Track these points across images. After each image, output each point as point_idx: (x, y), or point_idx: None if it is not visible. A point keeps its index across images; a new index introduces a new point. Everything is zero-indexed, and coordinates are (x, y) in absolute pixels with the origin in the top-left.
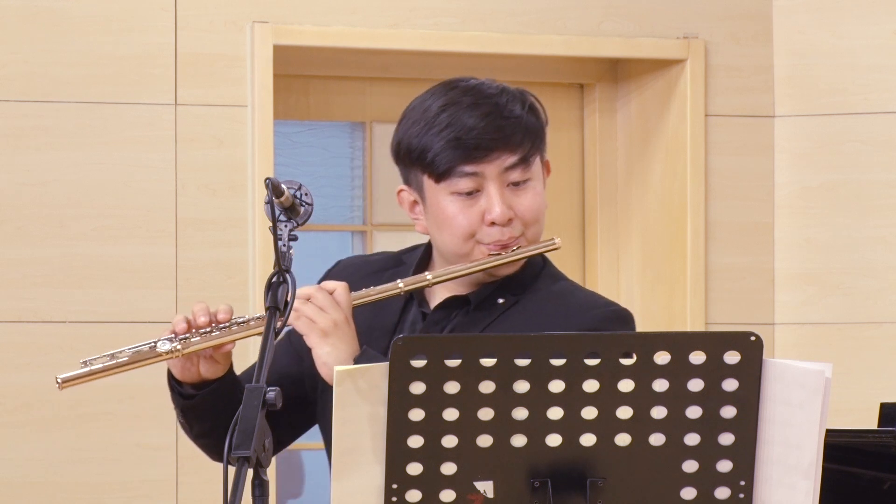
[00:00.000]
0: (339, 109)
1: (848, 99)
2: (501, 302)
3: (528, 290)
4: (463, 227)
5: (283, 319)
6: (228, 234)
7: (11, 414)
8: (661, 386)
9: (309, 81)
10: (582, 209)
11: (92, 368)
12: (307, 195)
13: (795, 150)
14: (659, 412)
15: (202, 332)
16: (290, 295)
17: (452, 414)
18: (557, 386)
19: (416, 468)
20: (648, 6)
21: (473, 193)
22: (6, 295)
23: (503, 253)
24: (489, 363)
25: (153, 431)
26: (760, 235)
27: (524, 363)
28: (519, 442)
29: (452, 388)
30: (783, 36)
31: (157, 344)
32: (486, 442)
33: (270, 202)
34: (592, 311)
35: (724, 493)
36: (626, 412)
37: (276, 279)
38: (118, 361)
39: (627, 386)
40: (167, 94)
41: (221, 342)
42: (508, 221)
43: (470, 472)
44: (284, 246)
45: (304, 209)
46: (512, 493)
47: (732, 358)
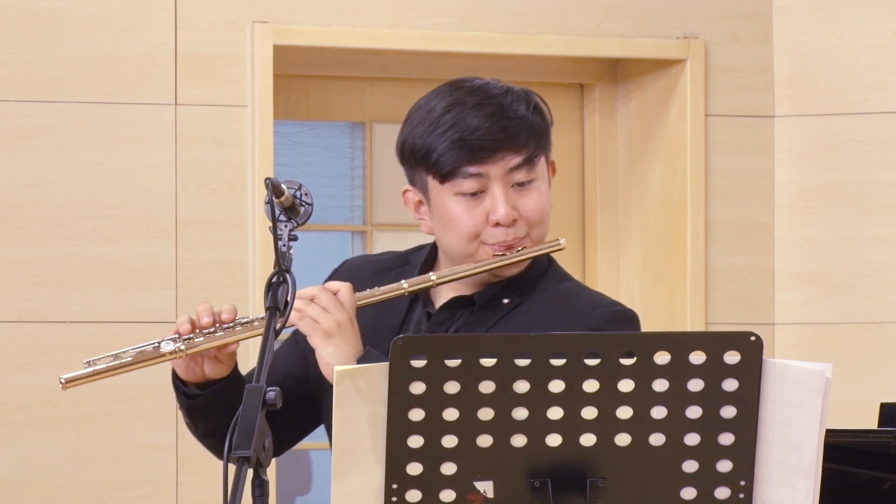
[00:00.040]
0: (339, 109)
1: (848, 99)
2: (506, 302)
3: (532, 290)
4: (467, 227)
5: (283, 319)
6: (228, 234)
7: (11, 414)
8: (661, 386)
9: (309, 81)
10: (582, 209)
11: (95, 369)
12: (307, 195)
13: (795, 150)
14: (659, 412)
15: (206, 332)
16: (290, 295)
17: (452, 414)
18: (557, 386)
19: (416, 468)
20: (648, 6)
21: (478, 194)
22: (6, 295)
23: (508, 254)
24: (489, 363)
25: (153, 431)
26: (760, 235)
27: (524, 363)
28: (519, 442)
29: (452, 388)
30: (783, 36)
31: (160, 344)
32: (486, 442)
33: (270, 202)
34: (597, 311)
35: (724, 493)
36: (626, 412)
37: (276, 279)
38: (122, 362)
39: (627, 386)
40: (167, 94)
41: (225, 342)
42: (513, 222)
43: (470, 472)
44: (284, 246)
45: (304, 209)
46: (512, 493)
47: (732, 358)
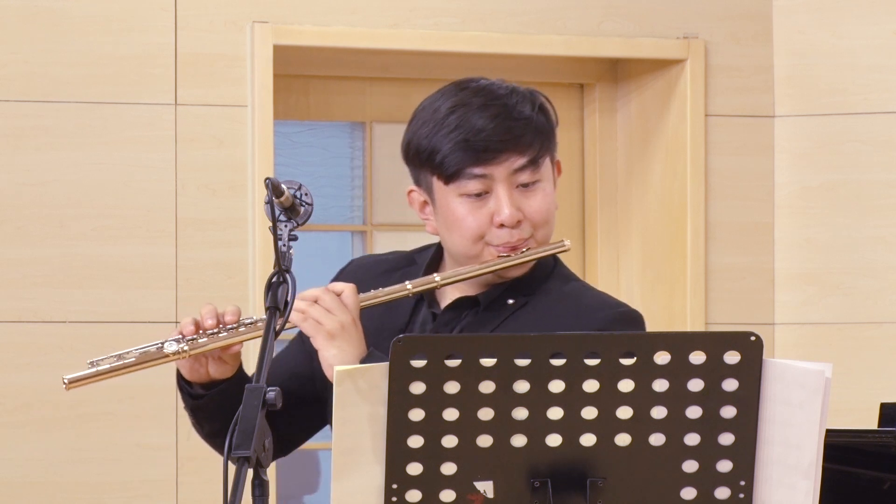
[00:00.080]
0: (339, 109)
1: (848, 99)
2: (511, 303)
3: (538, 290)
4: (472, 228)
5: (282, 319)
6: (228, 234)
7: (11, 414)
8: (661, 386)
9: (309, 81)
10: (582, 209)
11: (99, 369)
12: (307, 195)
13: (795, 150)
14: (659, 412)
15: (209, 333)
16: (290, 295)
17: (452, 414)
18: (557, 386)
19: (416, 468)
20: (648, 6)
21: (482, 195)
22: (6, 295)
23: (512, 255)
24: (489, 363)
25: (153, 431)
26: (760, 235)
27: (524, 363)
28: (519, 442)
29: (452, 388)
30: (783, 36)
31: (164, 345)
32: (486, 442)
33: (270, 202)
34: (602, 312)
35: (724, 493)
36: (626, 412)
37: (276, 279)
38: (125, 362)
39: (627, 386)
40: (167, 94)
41: (229, 343)
42: (517, 223)
43: (470, 472)
44: (284, 246)
45: (304, 209)
46: (512, 493)
47: (732, 358)
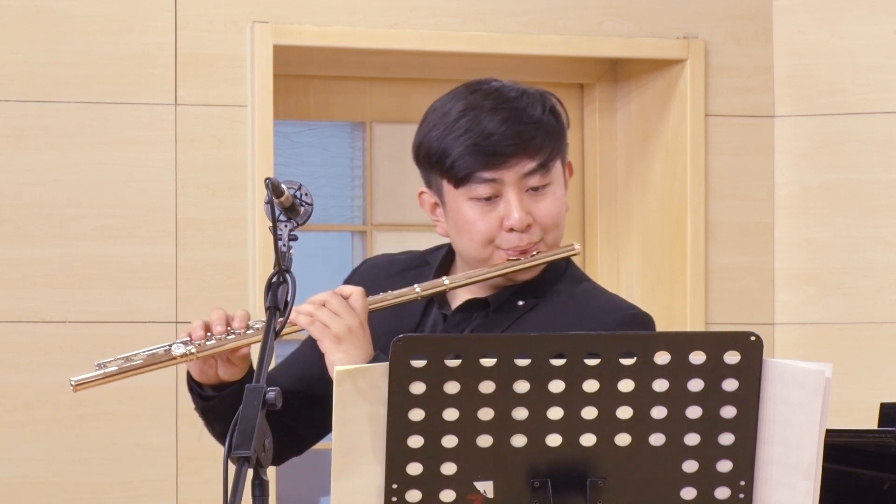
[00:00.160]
0: (339, 109)
1: (848, 99)
2: (521, 304)
3: (548, 292)
4: (481, 232)
5: (282, 319)
6: (228, 234)
7: (11, 414)
8: (661, 386)
9: (309, 81)
10: (582, 209)
11: (106, 371)
12: (307, 195)
13: (795, 150)
14: (659, 412)
15: (217, 335)
16: (290, 295)
17: (452, 414)
18: (557, 386)
19: (416, 468)
20: (648, 6)
21: (492, 199)
22: (6, 295)
23: (522, 258)
24: (489, 363)
25: (153, 431)
26: (760, 235)
27: (524, 363)
28: (519, 442)
29: (452, 388)
30: (783, 36)
31: (171, 347)
32: (486, 442)
33: (270, 202)
34: (612, 314)
35: (724, 493)
36: (626, 412)
37: (276, 279)
38: (132, 364)
39: (627, 386)
40: (167, 94)
41: (236, 346)
42: (527, 227)
43: (470, 472)
44: (284, 246)
45: (304, 209)
46: (512, 493)
47: (732, 358)
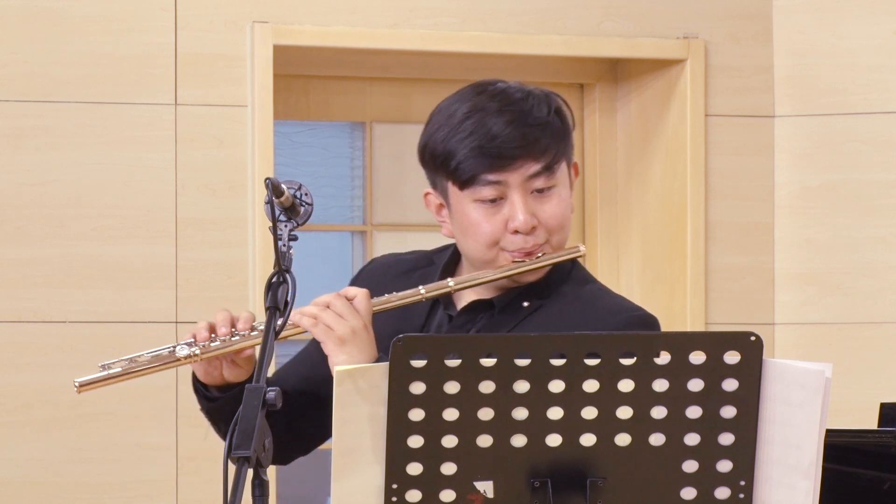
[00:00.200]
0: (339, 109)
1: (848, 99)
2: (526, 305)
3: (554, 293)
4: (486, 234)
5: (283, 319)
6: (228, 234)
7: (11, 414)
8: (661, 386)
9: (309, 81)
10: (582, 209)
11: (110, 372)
12: (307, 195)
13: (795, 150)
14: (659, 412)
15: (221, 337)
16: (290, 295)
17: (452, 414)
18: (557, 386)
19: (416, 468)
20: (648, 6)
21: (497, 201)
22: (6, 295)
23: (527, 260)
24: (489, 363)
25: (153, 431)
26: (760, 235)
27: (524, 363)
28: (519, 442)
29: (452, 388)
30: (783, 36)
31: (175, 349)
32: (486, 442)
33: (270, 202)
34: (617, 315)
35: (724, 493)
36: (626, 412)
37: (276, 279)
38: (136, 365)
39: (627, 386)
40: (167, 94)
41: (240, 347)
42: (532, 229)
43: (470, 472)
44: (284, 246)
45: (304, 209)
46: (512, 493)
47: (732, 358)
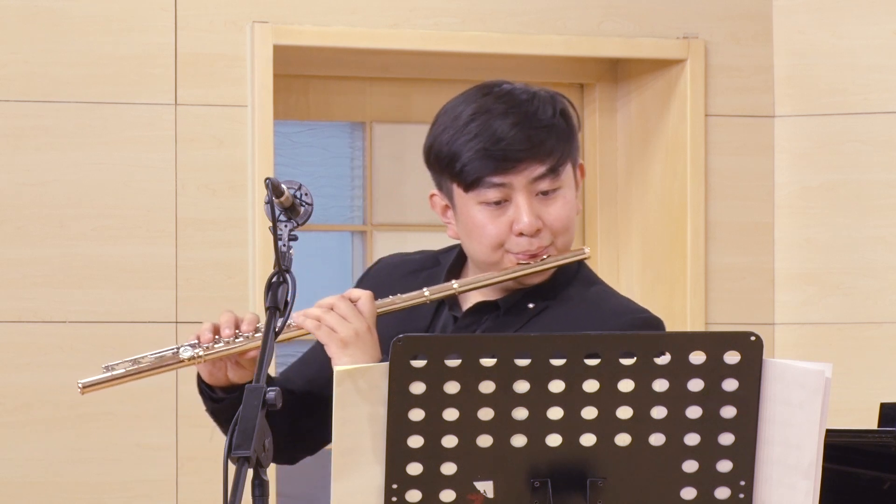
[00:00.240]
0: (339, 109)
1: (848, 99)
2: (531, 307)
3: (559, 295)
4: (491, 236)
5: (282, 319)
6: (228, 234)
7: (11, 414)
8: (661, 386)
9: (309, 81)
10: (582, 209)
11: (114, 374)
12: (307, 195)
13: (795, 150)
14: (659, 412)
15: (225, 338)
16: (290, 295)
17: (452, 414)
18: (557, 386)
19: (416, 468)
20: (648, 6)
21: (502, 203)
22: (6, 295)
23: (532, 262)
24: (489, 363)
25: (153, 431)
26: (760, 235)
27: (524, 363)
28: (519, 442)
29: (452, 388)
30: (783, 36)
31: (179, 350)
32: (486, 442)
33: (270, 202)
34: (623, 317)
35: (724, 493)
36: (626, 412)
37: (276, 279)
38: (140, 367)
39: (627, 386)
40: (167, 94)
41: (244, 349)
42: (537, 232)
43: (470, 472)
44: (284, 246)
45: (304, 209)
46: (512, 493)
47: (732, 358)
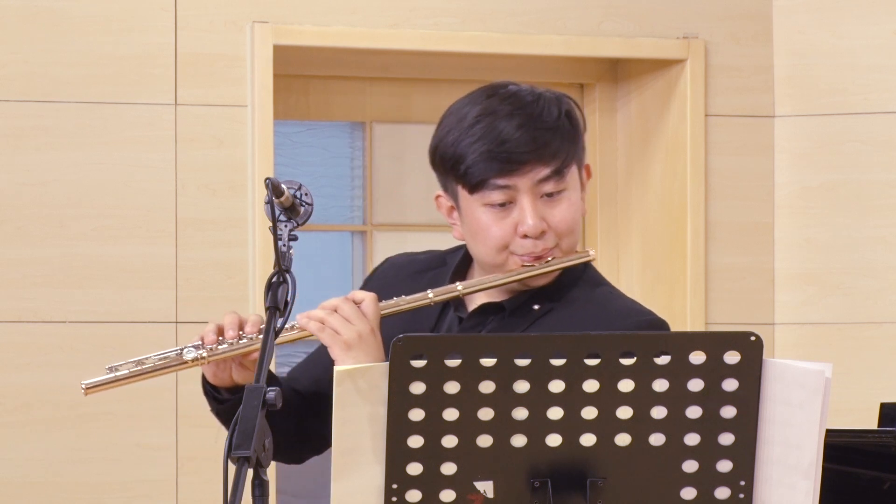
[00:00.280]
0: (339, 109)
1: (848, 99)
2: (536, 308)
3: (565, 296)
4: (496, 238)
5: (282, 319)
6: (228, 234)
7: (11, 414)
8: (661, 386)
9: (309, 81)
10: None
11: (117, 375)
12: (307, 195)
13: (795, 150)
14: (659, 412)
15: (229, 339)
16: (290, 295)
17: (452, 414)
18: (557, 386)
19: (416, 468)
20: (648, 6)
21: (506, 205)
22: (6, 295)
23: (536, 264)
24: (489, 363)
25: (153, 431)
26: (760, 235)
27: (524, 363)
28: (519, 442)
29: (452, 388)
30: (783, 36)
31: (183, 351)
32: (486, 442)
33: (270, 202)
34: (628, 319)
35: (724, 493)
36: (626, 412)
37: (276, 279)
38: (144, 368)
39: (627, 386)
40: (167, 94)
41: (247, 350)
42: (541, 234)
43: (470, 472)
44: (284, 246)
45: (304, 209)
46: (512, 493)
47: (732, 358)
